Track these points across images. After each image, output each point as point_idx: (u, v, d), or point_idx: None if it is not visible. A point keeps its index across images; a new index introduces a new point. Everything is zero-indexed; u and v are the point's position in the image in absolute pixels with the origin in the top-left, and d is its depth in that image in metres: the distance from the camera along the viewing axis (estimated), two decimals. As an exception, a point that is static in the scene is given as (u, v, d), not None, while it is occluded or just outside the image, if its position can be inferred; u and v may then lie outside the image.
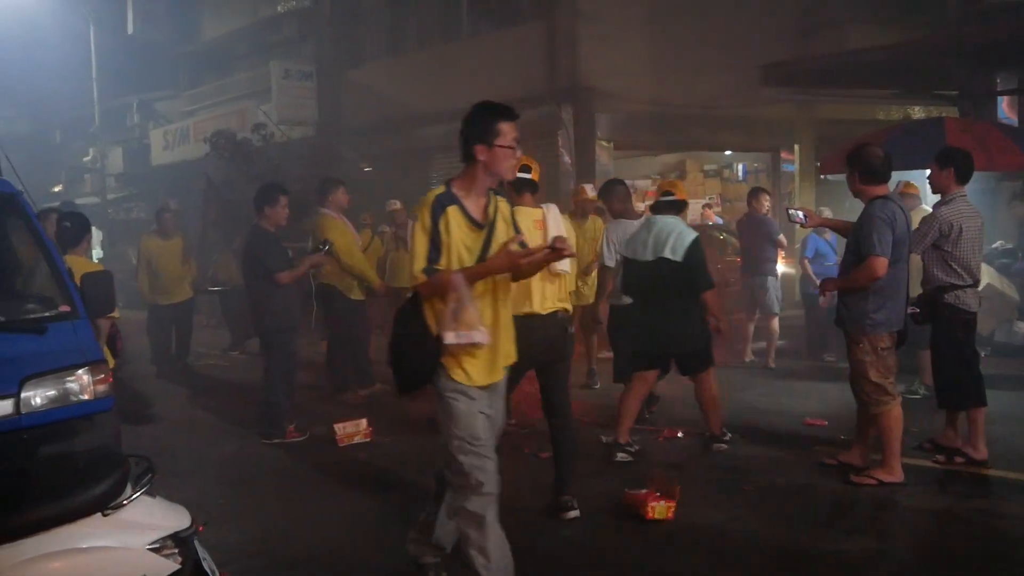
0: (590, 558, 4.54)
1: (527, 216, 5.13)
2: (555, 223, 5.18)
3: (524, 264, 3.64)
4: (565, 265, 5.02)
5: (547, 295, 5.15)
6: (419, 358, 3.70)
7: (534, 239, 4.97)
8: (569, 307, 5.35)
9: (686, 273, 6.02)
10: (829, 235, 9.44)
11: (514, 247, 3.64)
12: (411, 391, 3.85)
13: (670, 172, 16.44)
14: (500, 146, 3.65)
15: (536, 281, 5.00)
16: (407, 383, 3.81)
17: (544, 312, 5.13)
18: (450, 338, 3.52)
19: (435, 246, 3.62)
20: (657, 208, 6.47)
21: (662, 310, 6.13)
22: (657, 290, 6.14)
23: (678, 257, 6.01)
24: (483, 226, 3.73)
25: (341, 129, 17.37)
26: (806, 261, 9.77)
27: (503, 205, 3.84)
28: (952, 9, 12.04)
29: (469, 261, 3.65)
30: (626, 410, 6.32)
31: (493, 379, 3.78)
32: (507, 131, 3.66)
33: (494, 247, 3.70)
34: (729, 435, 6.53)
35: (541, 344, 5.04)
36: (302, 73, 17.94)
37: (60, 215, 7.05)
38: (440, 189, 3.74)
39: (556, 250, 3.61)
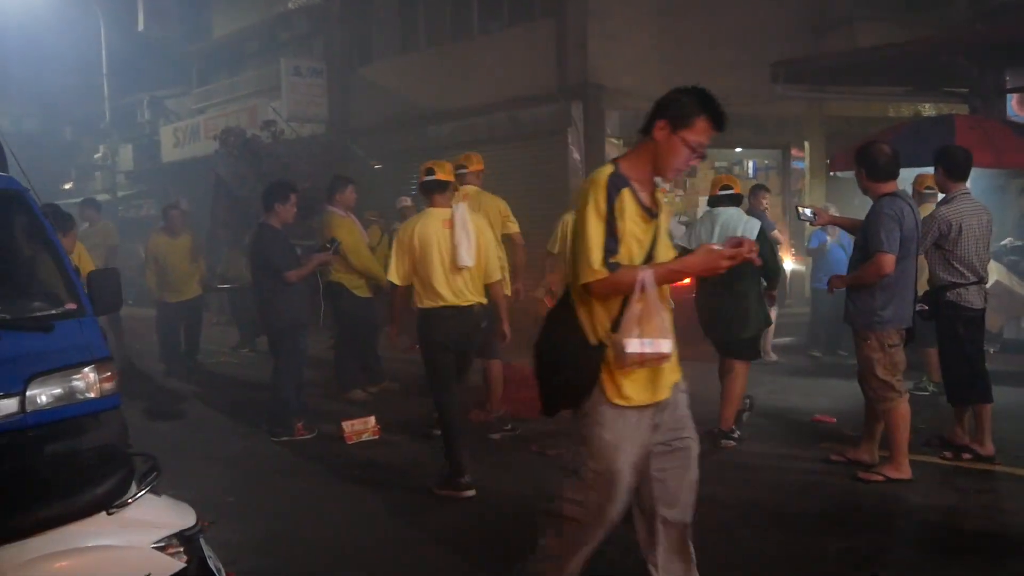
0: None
1: (437, 216, 5.66)
2: (463, 222, 5.61)
3: (726, 265, 3.18)
4: (465, 260, 5.54)
5: (459, 288, 5.63)
6: (577, 371, 3.18)
7: (442, 237, 5.58)
8: (484, 300, 5.79)
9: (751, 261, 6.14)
10: (835, 232, 9.41)
11: (716, 246, 3.21)
12: (563, 409, 3.36)
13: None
14: (684, 139, 3.15)
15: (441, 276, 5.54)
16: (559, 400, 3.31)
17: (461, 304, 5.61)
18: (633, 346, 3.03)
19: (612, 235, 3.10)
20: (718, 201, 6.64)
21: (727, 297, 6.36)
22: (722, 278, 6.17)
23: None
24: (655, 215, 3.25)
25: (351, 126, 17.38)
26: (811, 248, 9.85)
27: (660, 193, 3.35)
28: (962, 7, 11.97)
29: (639, 256, 3.18)
30: (730, 396, 6.53)
31: (658, 397, 3.26)
32: (701, 130, 3.16)
33: (660, 242, 3.27)
34: (738, 433, 6.52)
35: (458, 334, 5.62)
36: (312, 70, 17.94)
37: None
38: (608, 168, 3.21)
39: (741, 248, 3.17)
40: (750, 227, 6.32)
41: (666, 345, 3.09)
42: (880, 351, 5.40)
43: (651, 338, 3.04)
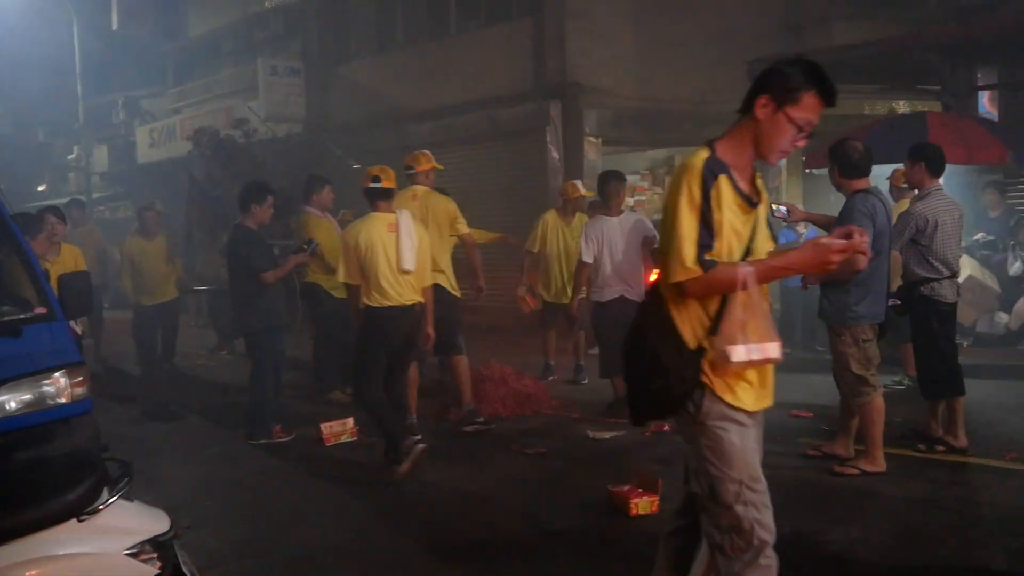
0: (574, 554, 4.53)
1: (382, 220, 6.01)
2: (407, 228, 6.02)
3: (837, 260, 2.82)
4: (408, 264, 5.95)
5: (404, 289, 6.01)
6: (677, 377, 2.85)
7: (387, 240, 5.92)
8: (423, 299, 6.20)
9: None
10: (804, 229, 9.46)
11: (826, 240, 2.84)
12: (655, 418, 3.14)
13: (658, 168, 16.44)
14: (790, 116, 2.84)
15: (387, 275, 5.89)
16: (652, 409, 3.01)
17: (405, 303, 5.99)
18: (738, 354, 2.74)
19: (707, 228, 2.77)
20: None
21: None
22: None
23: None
24: (755, 204, 2.92)
25: (329, 126, 17.30)
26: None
27: (760, 180, 3.02)
28: (934, 6, 12.10)
29: (738, 251, 2.86)
30: None
31: (763, 404, 3.01)
32: (809, 106, 2.85)
33: (760, 233, 2.94)
34: None
35: (399, 332, 6.03)
36: (289, 69, 17.85)
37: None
38: (704, 152, 2.89)
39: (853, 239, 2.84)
40: None
41: (774, 349, 2.81)
42: (854, 346, 5.45)
43: (757, 343, 2.77)
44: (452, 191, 7.69)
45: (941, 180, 6.03)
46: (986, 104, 11.94)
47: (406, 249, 5.97)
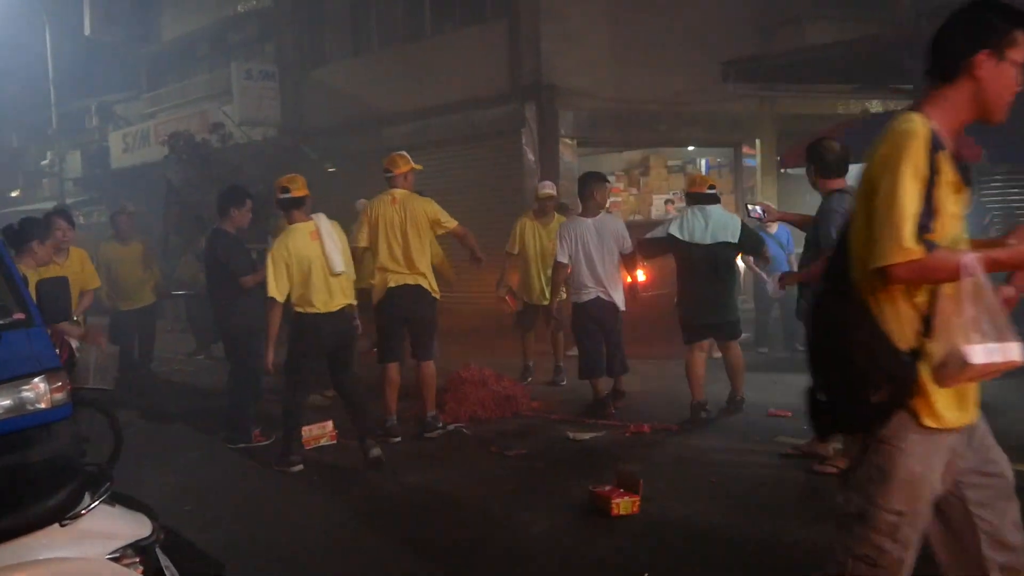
0: (556, 555, 4.56)
1: (303, 231, 6.18)
2: (327, 231, 6.18)
3: None
4: (339, 267, 6.15)
5: (334, 292, 6.21)
6: (894, 385, 2.44)
7: (313, 250, 6.10)
8: (354, 302, 6.43)
9: (738, 251, 7.13)
10: (773, 228, 9.53)
11: None
12: (851, 432, 2.66)
13: (634, 168, 16.52)
14: (1014, 60, 2.47)
15: (322, 281, 6.11)
16: (856, 422, 2.56)
17: (332, 310, 6.21)
18: (978, 355, 2.33)
19: (929, 206, 2.38)
20: (702, 199, 7.07)
21: (719, 286, 6.96)
22: (714, 269, 6.94)
23: (735, 239, 6.93)
24: (968, 183, 2.58)
25: (304, 129, 17.26)
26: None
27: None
28: (907, 6, 12.22)
29: (953, 234, 2.51)
30: (696, 376, 7.04)
31: (968, 419, 2.57)
32: (1023, 44, 2.48)
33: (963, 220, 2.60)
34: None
35: (332, 336, 6.27)
36: (264, 73, 17.79)
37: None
38: (920, 118, 2.46)
39: None
40: (735, 223, 6.98)
41: (1015, 350, 2.37)
42: None
43: (997, 343, 2.35)
44: (428, 193, 7.68)
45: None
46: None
47: (333, 252, 6.18)
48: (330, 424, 7.02)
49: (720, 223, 6.97)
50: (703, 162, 16.81)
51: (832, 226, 5.28)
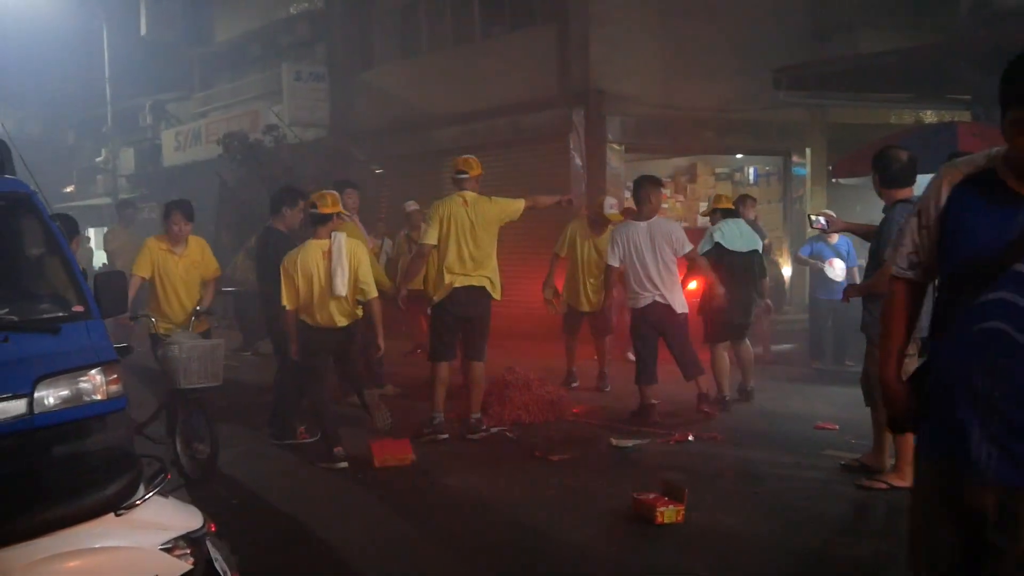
0: (599, 563, 4.54)
1: (316, 247, 6.42)
2: (339, 252, 6.37)
3: None
4: (339, 290, 6.34)
5: (334, 312, 6.45)
6: None
7: (320, 268, 6.35)
8: (351, 320, 6.60)
9: (761, 260, 8.18)
10: (835, 239, 9.38)
11: None
12: None
13: (681, 175, 16.41)
14: None
15: (321, 299, 6.39)
16: None
17: (333, 326, 6.48)
18: None
19: None
20: (729, 213, 8.15)
21: (749, 290, 7.84)
22: (749, 274, 7.85)
23: (760, 249, 8.13)
24: None
25: (353, 131, 17.41)
26: (803, 257, 9.92)
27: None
28: (964, 13, 12.00)
29: None
30: (722, 370, 7.77)
31: None
32: None
33: None
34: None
35: (328, 348, 6.57)
36: (314, 75, 17.98)
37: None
38: None
39: None
40: (760, 235, 7.78)
41: None
42: None
43: None
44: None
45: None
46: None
47: (337, 275, 6.34)
48: (407, 444, 6.58)
49: (750, 233, 7.96)
50: (751, 170, 16.64)
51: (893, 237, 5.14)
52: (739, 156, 16.24)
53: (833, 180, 12.53)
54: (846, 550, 4.53)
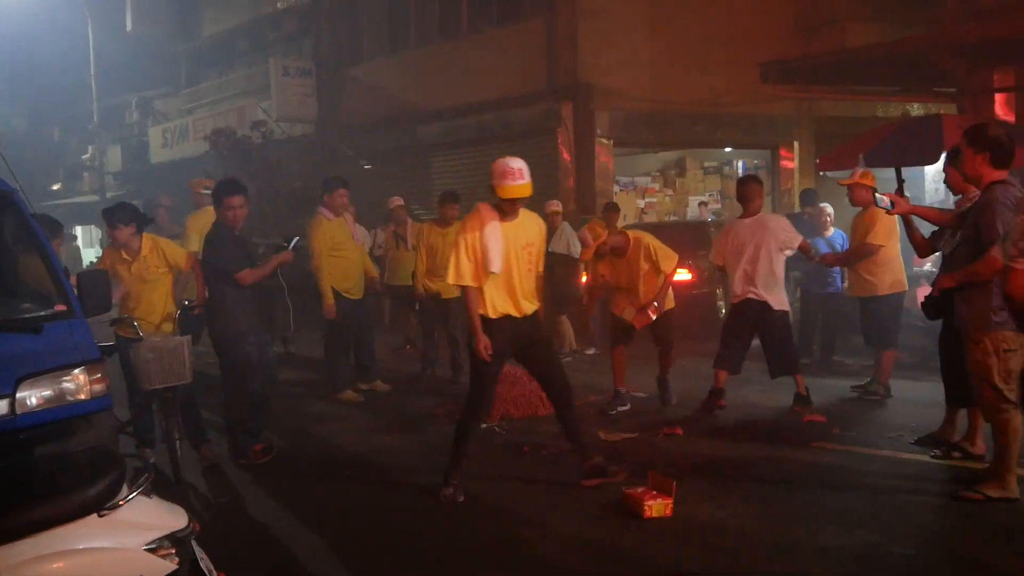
0: (588, 557, 4.54)
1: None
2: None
3: None
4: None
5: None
6: None
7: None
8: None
9: None
10: (829, 231, 9.35)
11: None
12: None
13: (670, 169, 16.45)
14: None
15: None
16: None
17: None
18: None
19: None
20: None
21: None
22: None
23: None
24: None
25: (341, 126, 17.36)
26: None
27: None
28: (950, 6, 12.03)
29: None
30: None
31: None
32: None
33: None
34: None
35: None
36: (301, 70, 17.93)
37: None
38: None
39: None
40: None
41: None
42: (994, 356, 4.84)
43: None
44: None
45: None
46: (997, 109, 11.83)
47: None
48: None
49: None
50: (740, 163, 16.69)
51: (999, 220, 4.75)
52: (728, 150, 16.28)
53: (820, 173, 12.56)
54: (834, 540, 4.54)
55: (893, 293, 7.49)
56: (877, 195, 5.78)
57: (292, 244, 6.93)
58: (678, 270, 7.67)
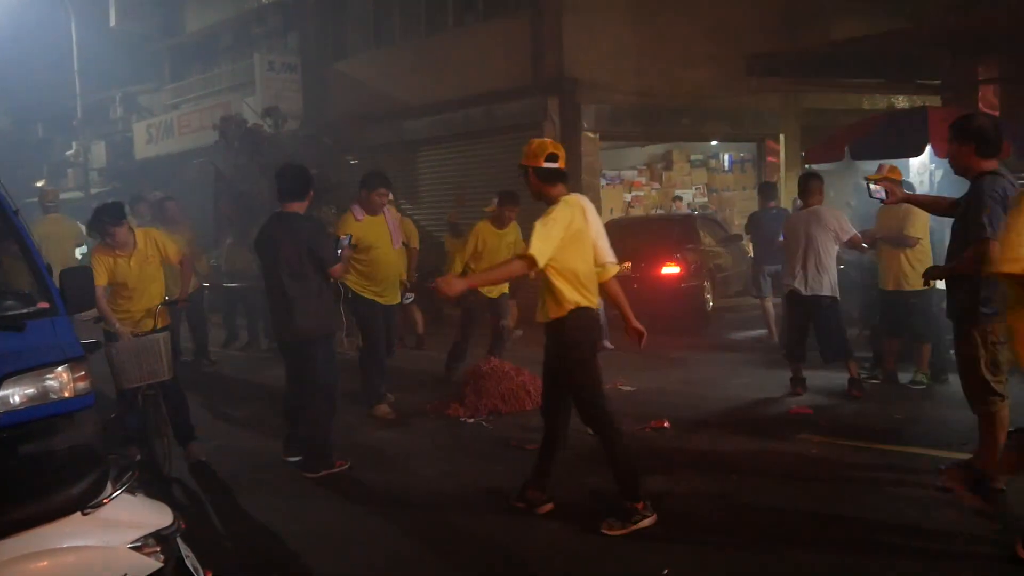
0: (573, 551, 4.54)
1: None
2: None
3: None
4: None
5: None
6: None
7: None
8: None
9: None
10: None
11: None
12: None
13: (656, 163, 16.46)
14: None
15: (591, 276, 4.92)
16: None
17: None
18: None
19: None
20: None
21: None
22: None
23: None
24: None
25: (326, 121, 17.29)
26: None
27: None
28: (935, 1, 12.09)
29: None
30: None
31: None
32: None
33: None
34: None
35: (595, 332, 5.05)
36: (286, 65, 17.84)
37: None
38: None
39: None
40: None
41: None
42: (982, 348, 4.81)
43: None
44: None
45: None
46: (979, 103, 11.90)
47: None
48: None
49: None
50: (727, 157, 16.72)
51: (983, 213, 4.67)
52: (714, 143, 16.30)
53: (806, 166, 12.61)
54: (821, 533, 4.56)
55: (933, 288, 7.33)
56: (872, 186, 5.64)
57: (347, 242, 6.69)
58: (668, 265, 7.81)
